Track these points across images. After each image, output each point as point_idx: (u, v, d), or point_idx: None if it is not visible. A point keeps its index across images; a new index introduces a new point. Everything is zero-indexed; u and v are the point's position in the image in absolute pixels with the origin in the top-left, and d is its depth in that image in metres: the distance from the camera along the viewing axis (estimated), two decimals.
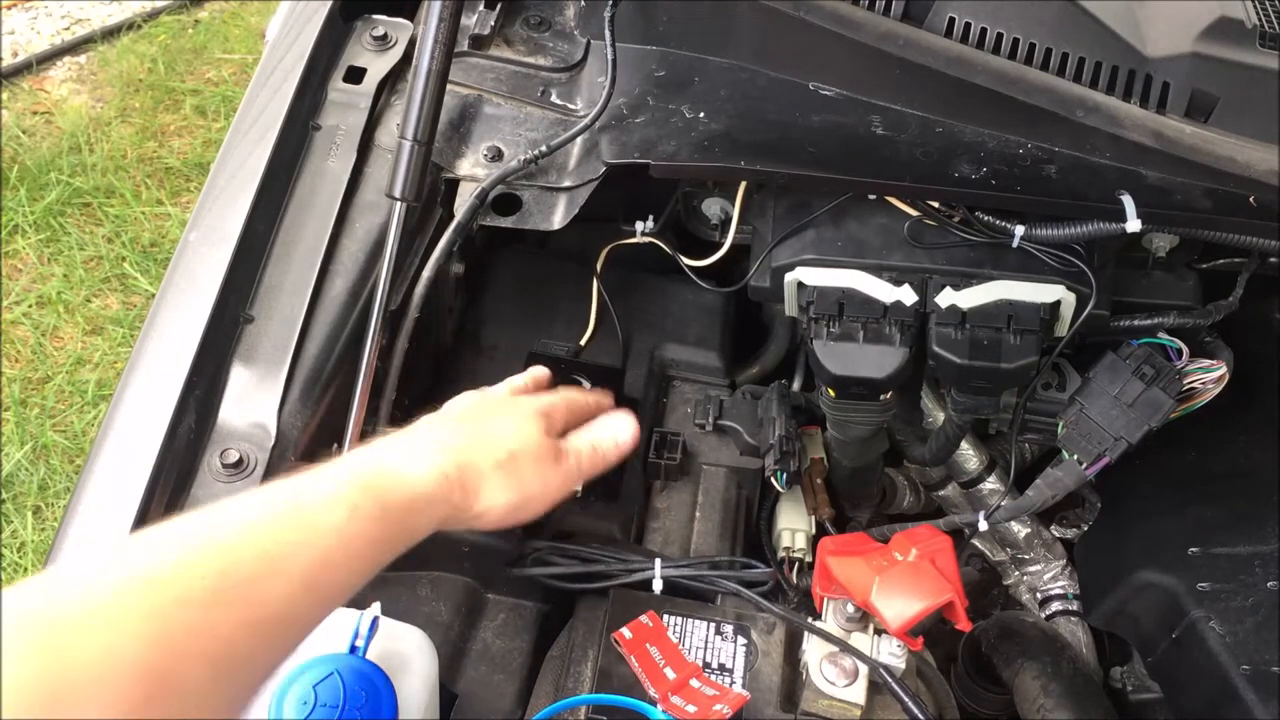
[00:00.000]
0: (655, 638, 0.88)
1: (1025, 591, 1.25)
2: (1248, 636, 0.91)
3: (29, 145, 2.72)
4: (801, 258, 1.04)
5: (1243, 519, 1.03)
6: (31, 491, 2.13)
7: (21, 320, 2.39)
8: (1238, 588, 0.96)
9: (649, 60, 1.11)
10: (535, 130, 1.10)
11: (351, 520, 0.67)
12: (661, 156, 1.03)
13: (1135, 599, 1.03)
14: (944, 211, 1.03)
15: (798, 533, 1.15)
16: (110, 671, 0.51)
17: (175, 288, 0.94)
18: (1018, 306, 1.00)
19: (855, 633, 0.92)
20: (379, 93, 1.10)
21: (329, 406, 0.95)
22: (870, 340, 1.00)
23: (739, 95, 1.07)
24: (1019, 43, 1.03)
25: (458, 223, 1.03)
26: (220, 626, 0.57)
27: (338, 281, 0.99)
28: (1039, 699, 1.00)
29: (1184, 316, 1.07)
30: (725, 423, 1.17)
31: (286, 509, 0.65)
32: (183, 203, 2.65)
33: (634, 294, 1.28)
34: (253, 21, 3.12)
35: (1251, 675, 0.89)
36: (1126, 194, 0.96)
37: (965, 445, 1.21)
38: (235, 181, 1.00)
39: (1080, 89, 1.02)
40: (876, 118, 1.04)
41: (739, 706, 0.85)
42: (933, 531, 0.97)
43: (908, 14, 1.05)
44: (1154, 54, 1.01)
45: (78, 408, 2.27)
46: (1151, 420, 1.00)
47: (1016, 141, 1.02)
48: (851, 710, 0.88)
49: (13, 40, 3.02)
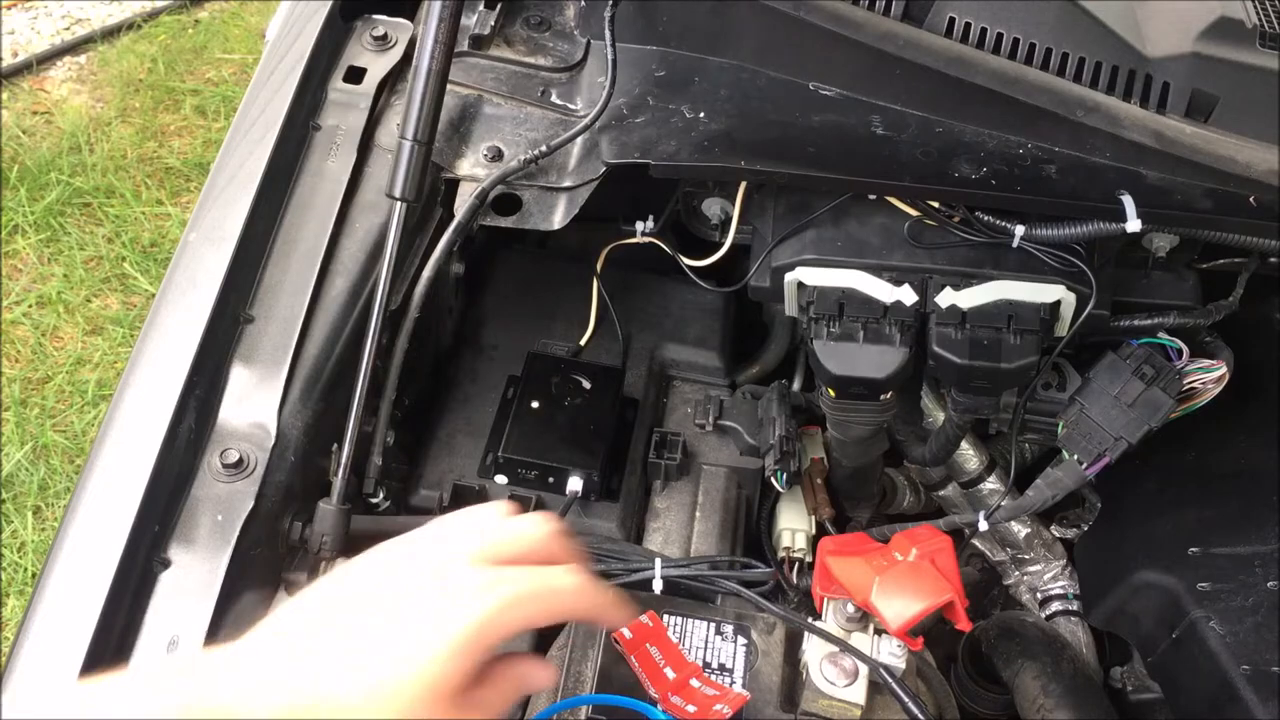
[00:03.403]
0: (655, 638, 0.88)
1: (1025, 591, 1.25)
2: (1248, 636, 0.91)
3: (29, 145, 2.72)
4: (801, 258, 1.04)
5: (1243, 519, 1.03)
6: (31, 491, 2.13)
7: (21, 320, 2.39)
8: (1238, 588, 0.96)
9: (649, 60, 1.11)
10: (535, 130, 1.10)
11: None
12: (661, 156, 1.03)
13: (1135, 599, 1.03)
14: (944, 211, 1.03)
15: (798, 533, 1.15)
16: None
17: (175, 288, 0.94)
18: (1018, 306, 1.00)
19: (855, 633, 0.92)
20: (379, 93, 1.10)
21: (329, 406, 0.95)
22: (870, 340, 1.00)
23: (739, 95, 1.07)
24: (1019, 43, 1.03)
25: (458, 223, 1.03)
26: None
27: (338, 281, 0.99)
28: (1039, 699, 1.00)
29: (1184, 316, 1.07)
30: (725, 423, 1.17)
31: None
32: (183, 203, 2.65)
33: (634, 294, 1.28)
34: (253, 21, 3.12)
35: (1251, 675, 0.89)
36: (1126, 194, 0.96)
37: (965, 445, 1.21)
38: (235, 181, 1.00)
39: (1080, 89, 1.02)
40: (876, 118, 1.04)
41: (739, 706, 0.85)
42: (933, 531, 0.97)
43: (908, 14, 1.05)
44: (1154, 54, 1.01)
45: (78, 408, 2.27)
46: (1151, 420, 1.00)
47: (1016, 141, 1.02)
48: (851, 710, 0.88)
49: (13, 40, 3.02)
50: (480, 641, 0.62)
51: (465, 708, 0.62)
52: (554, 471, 1.08)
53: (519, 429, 1.10)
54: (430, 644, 0.60)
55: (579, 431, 1.11)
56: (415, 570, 0.64)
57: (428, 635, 0.60)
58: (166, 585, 0.81)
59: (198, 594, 0.81)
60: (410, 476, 1.10)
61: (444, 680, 0.60)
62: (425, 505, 1.08)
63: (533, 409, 1.12)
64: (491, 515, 0.70)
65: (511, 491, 1.08)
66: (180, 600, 0.81)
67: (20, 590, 2.01)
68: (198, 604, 0.80)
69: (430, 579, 0.63)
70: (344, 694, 0.59)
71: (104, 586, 0.78)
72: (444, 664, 0.60)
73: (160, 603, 0.80)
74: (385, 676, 0.59)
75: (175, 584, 0.81)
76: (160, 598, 0.81)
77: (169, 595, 0.81)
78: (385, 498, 1.00)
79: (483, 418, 1.15)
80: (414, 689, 0.59)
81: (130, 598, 0.79)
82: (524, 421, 1.11)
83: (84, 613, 0.77)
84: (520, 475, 1.08)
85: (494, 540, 0.67)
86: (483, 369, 1.20)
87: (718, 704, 0.83)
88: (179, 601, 0.80)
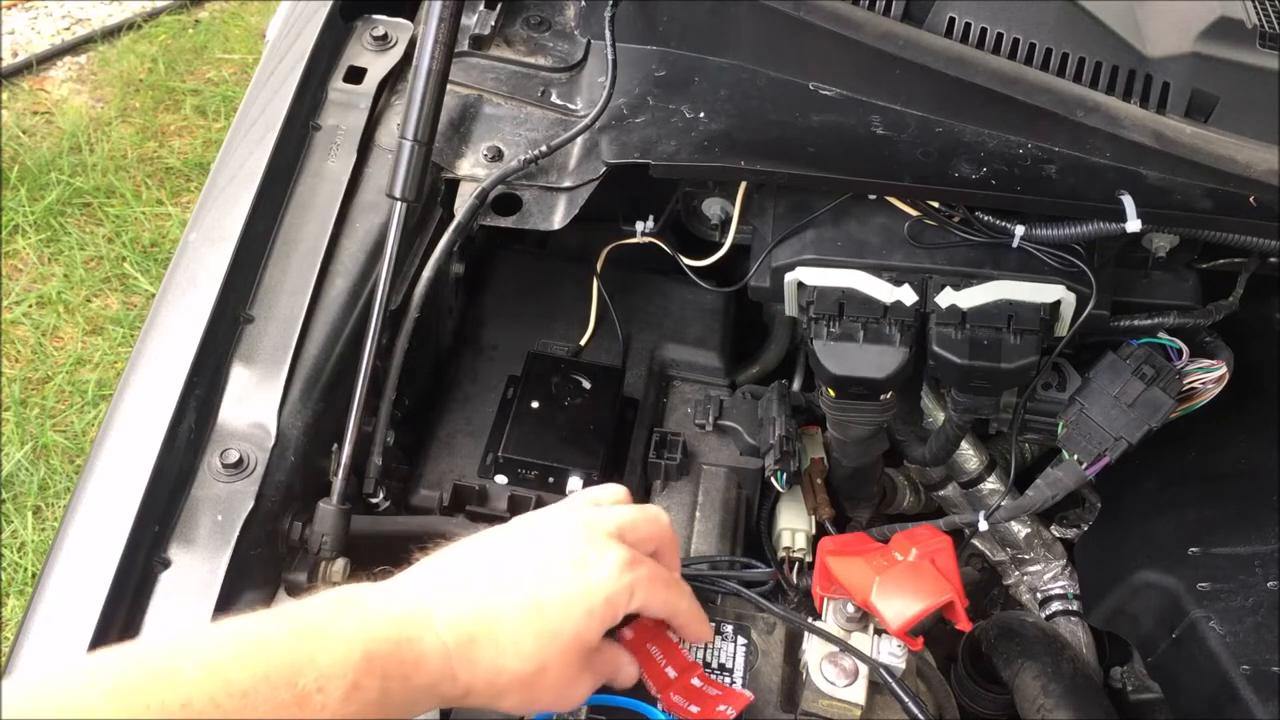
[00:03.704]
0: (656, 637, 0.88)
1: (1025, 591, 1.25)
2: (1248, 636, 0.91)
3: (29, 145, 2.72)
4: (801, 258, 1.04)
5: (1243, 519, 1.03)
6: (31, 491, 2.13)
7: (21, 320, 2.39)
8: (1238, 588, 0.96)
9: (649, 60, 1.11)
10: (535, 130, 1.10)
11: (347, 703, 0.59)
12: (661, 156, 1.03)
13: (1135, 599, 1.03)
14: (944, 211, 1.03)
15: (798, 533, 1.15)
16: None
17: (175, 288, 0.94)
18: (1018, 306, 1.00)
19: (855, 633, 0.92)
20: (379, 93, 1.10)
21: (329, 406, 0.95)
22: (870, 340, 1.00)
23: (739, 95, 1.07)
24: (1019, 43, 1.03)
25: (458, 223, 1.03)
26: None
27: (338, 281, 0.99)
28: (1039, 699, 1.00)
29: (1184, 316, 1.07)
30: (725, 423, 1.17)
31: (278, 674, 0.58)
32: (183, 203, 2.65)
33: (634, 294, 1.28)
34: (253, 21, 3.12)
35: (1251, 675, 0.89)
36: (1126, 194, 0.96)
37: (965, 445, 1.21)
38: (235, 181, 1.00)
39: (1080, 89, 1.02)
40: (876, 118, 1.04)
41: (743, 707, 0.85)
42: (933, 531, 0.97)
43: (908, 14, 1.05)
44: (1154, 54, 1.01)
45: (78, 408, 2.27)
46: (1151, 420, 1.00)
47: (1016, 141, 1.02)
48: (851, 710, 0.88)
49: (13, 40, 3.02)
50: (613, 610, 0.69)
51: (588, 667, 0.70)
52: (554, 471, 1.08)
53: (519, 429, 1.10)
54: (586, 593, 0.68)
55: (579, 431, 1.11)
56: (565, 533, 0.71)
57: (582, 585, 0.68)
58: (166, 585, 0.81)
59: (198, 594, 0.81)
60: (410, 476, 1.10)
61: (587, 632, 0.68)
62: (425, 505, 1.08)
63: (533, 409, 1.12)
64: (622, 496, 0.78)
65: (511, 491, 1.08)
66: (180, 600, 0.81)
67: (20, 590, 2.01)
68: (198, 604, 0.80)
69: (581, 543, 0.70)
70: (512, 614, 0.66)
71: (104, 586, 0.78)
72: (589, 618, 0.68)
73: (160, 603, 0.80)
74: (551, 610, 0.67)
75: (175, 584, 0.81)
76: (160, 598, 0.81)
77: (169, 595, 0.81)
78: (385, 498, 1.00)
79: (483, 418, 1.14)
80: (568, 632, 0.67)
81: (130, 598, 0.79)
82: (524, 421, 1.11)
83: (84, 613, 0.77)
84: (520, 475, 1.08)
85: (630, 522, 0.73)
86: (483, 369, 1.20)
87: (721, 704, 0.83)
88: (179, 601, 0.80)
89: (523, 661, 0.66)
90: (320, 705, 0.58)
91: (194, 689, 0.55)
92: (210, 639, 0.60)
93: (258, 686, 0.57)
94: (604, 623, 0.69)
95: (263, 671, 0.58)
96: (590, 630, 0.68)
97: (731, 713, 0.83)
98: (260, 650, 0.59)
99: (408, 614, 0.65)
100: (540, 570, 0.68)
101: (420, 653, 0.64)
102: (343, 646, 0.60)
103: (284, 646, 0.60)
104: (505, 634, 0.66)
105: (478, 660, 0.66)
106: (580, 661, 0.69)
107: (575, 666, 0.69)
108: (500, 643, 0.66)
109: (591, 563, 0.69)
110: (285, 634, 0.61)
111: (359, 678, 0.60)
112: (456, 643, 0.65)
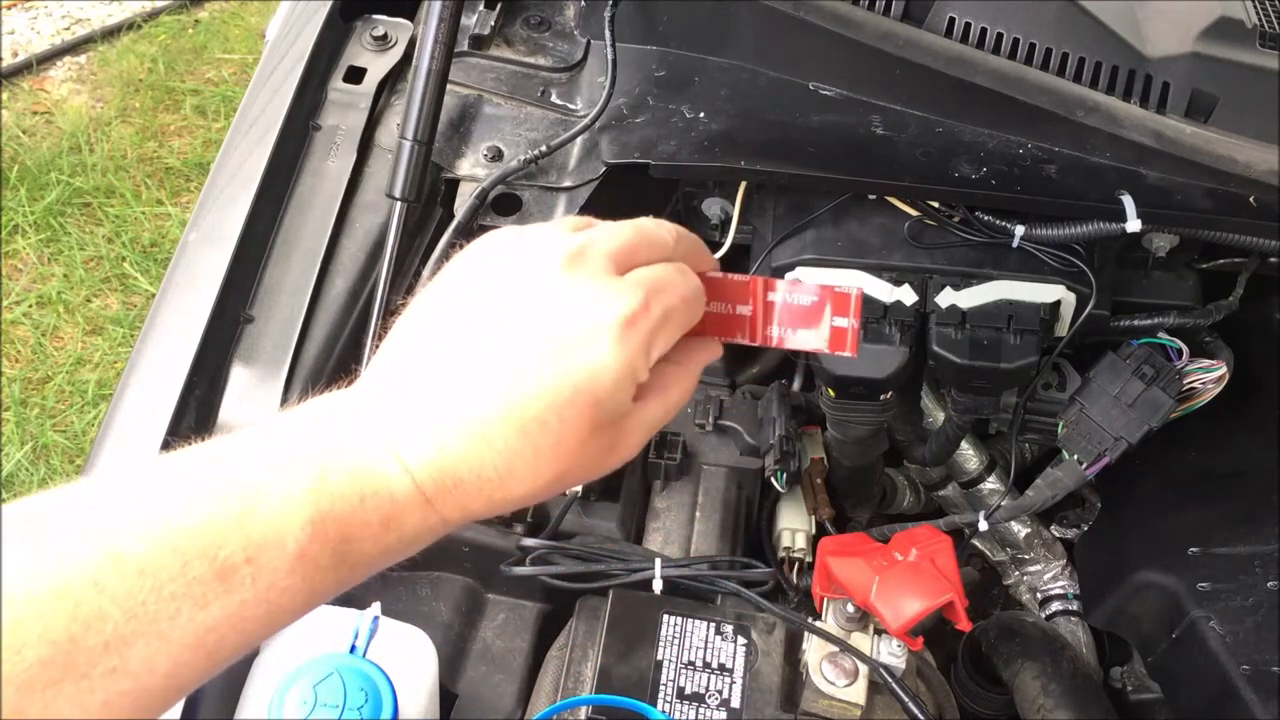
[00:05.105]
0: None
1: (1025, 591, 1.25)
2: (1248, 636, 0.91)
3: (29, 145, 2.72)
4: (801, 257, 1.04)
5: (1243, 519, 1.03)
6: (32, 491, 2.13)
7: (21, 320, 2.39)
8: (1238, 588, 0.96)
9: (649, 60, 1.11)
10: (535, 130, 1.10)
11: (296, 566, 0.48)
12: (661, 156, 1.03)
13: (1135, 599, 1.03)
14: (944, 211, 1.03)
15: (798, 533, 1.15)
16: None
17: (175, 288, 0.94)
18: (1018, 306, 1.00)
19: (855, 633, 0.92)
20: (379, 93, 1.10)
21: None
22: (870, 340, 1.00)
23: (739, 95, 1.07)
24: (1019, 43, 1.03)
25: (458, 223, 1.03)
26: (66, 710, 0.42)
27: (338, 281, 0.99)
28: (1039, 699, 1.00)
29: (1184, 316, 1.07)
30: (725, 423, 1.17)
31: (189, 544, 0.46)
32: (183, 203, 2.65)
33: None
34: (253, 21, 3.12)
35: (1251, 675, 0.89)
36: (1126, 194, 0.96)
37: (965, 445, 1.21)
38: (235, 181, 1.00)
39: (1080, 89, 1.02)
40: (876, 118, 1.04)
41: None
42: (933, 531, 0.97)
43: (908, 14, 1.05)
44: (1154, 54, 1.01)
45: (78, 408, 2.27)
46: (1151, 420, 1.00)
47: (1016, 141, 1.02)
48: (851, 710, 0.88)
49: (13, 40, 3.02)
50: (631, 381, 0.55)
51: (615, 427, 0.56)
52: None
53: None
54: (590, 382, 0.53)
55: None
56: (546, 295, 0.54)
57: (583, 374, 0.53)
58: None
59: None
60: None
61: (601, 418, 0.54)
62: None
63: None
64: (593, 220, 0.61)
65: None
66: None
67: None
68: None
69: (568, 308, 0.54)
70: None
71: None
72: (596, 410, 0.53)
73: None
74: (548, 419, 0.52)
75: None
76: None
77: None
78: None
79: None
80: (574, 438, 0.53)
81: None
82: None
83: None
84: None
85: (624, 246, 0.58)
86: None
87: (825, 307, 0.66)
88: None
89: (523, 484, 0.53)
90: (250, 579, 0.47)
91: (77, 565, 0.44)
92: (107, 499, 0.48)
93: (161, 561, 0.45)
94: (621, 399, 0.55)
95: (170, 543, 0.45)
96: (603, 416, 0.54)
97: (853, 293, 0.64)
98: (171, 515, 0.46)
99: (368, 460, 0.51)
100: (523, 366, 0.52)
101: (388, 509, 0.51)
102: (282, 506, 0.48)
103: (203, 510, 0.47)
104: (494, 463, 0.52)
105: (469, 499, 0.53)
106: (605, 438, 0.55)
107: (601, 448, 0.55)
108: (492, 474, 0.52)
109: (588, 335, 0.53)
110: (209, 493, 0.48)
111: (305, 545, 0.48)
112: (436, 486, 0.51)
